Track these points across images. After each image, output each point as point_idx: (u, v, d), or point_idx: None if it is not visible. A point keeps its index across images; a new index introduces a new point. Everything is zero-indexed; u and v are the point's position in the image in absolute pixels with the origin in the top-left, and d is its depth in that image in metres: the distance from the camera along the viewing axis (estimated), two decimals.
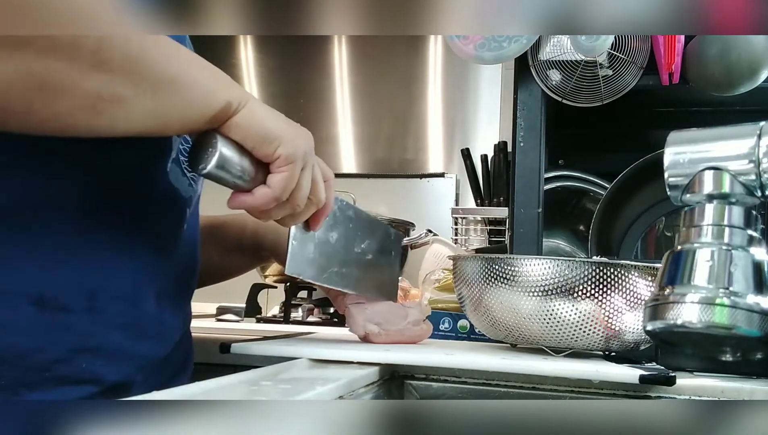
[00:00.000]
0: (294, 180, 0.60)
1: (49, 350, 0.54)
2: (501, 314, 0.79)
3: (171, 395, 0.46)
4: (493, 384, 0.69)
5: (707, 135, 0.71)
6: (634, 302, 0.75)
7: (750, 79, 1.04)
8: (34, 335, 0.53)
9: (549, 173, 1.37)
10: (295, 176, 0.60)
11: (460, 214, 1.62)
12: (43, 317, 0.54)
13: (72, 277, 0.55)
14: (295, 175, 0.60)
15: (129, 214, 0.60)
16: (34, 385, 0.54)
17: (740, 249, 0.66)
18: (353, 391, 0.59)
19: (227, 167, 0.57)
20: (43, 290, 0.54)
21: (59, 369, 0.55)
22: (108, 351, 0.58)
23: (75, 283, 0.56)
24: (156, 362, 0.63)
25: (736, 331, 0.63)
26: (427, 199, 2.17)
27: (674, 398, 0.66)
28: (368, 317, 0.82)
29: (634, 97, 1.09)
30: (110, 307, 0.58)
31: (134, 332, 0.60)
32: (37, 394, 0.53)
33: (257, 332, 0.98)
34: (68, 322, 0.55)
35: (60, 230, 0.55)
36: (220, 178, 0.58)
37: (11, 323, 0.53)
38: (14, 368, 0.53)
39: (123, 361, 0.59)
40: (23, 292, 0.53)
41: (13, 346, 0.53)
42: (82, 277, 0.56)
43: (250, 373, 0.57)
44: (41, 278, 0.54)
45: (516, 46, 1.07)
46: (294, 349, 0.68)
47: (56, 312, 0.54)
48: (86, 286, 0.56)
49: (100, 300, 0.57)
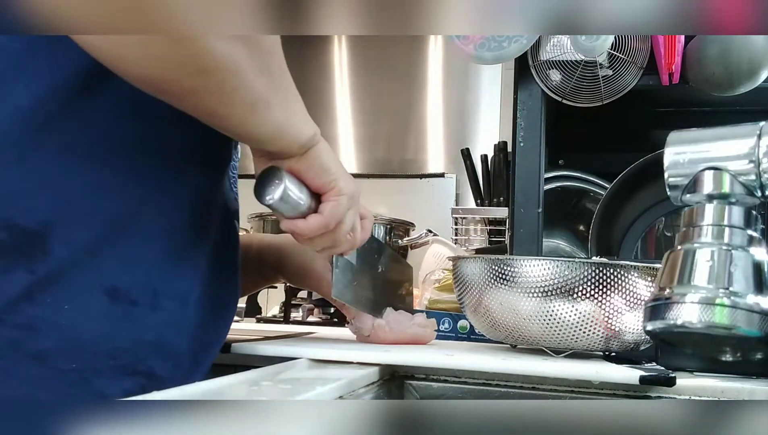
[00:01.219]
0: (342, 211, 0.67)
1: (117, 339, 0.58)
2: (501, 315, 0.79)
3: (171, 395, 0.46)
4: (493, 384, 0.69)
5: (707, 135, 0.71)
6: (634, 303, 0.75)
7: (750, 79, 1.04)
8: (106, 323, 0.57)
9: (549, 173, 1.37)
10: (343, 207, 0.67)
11: (460, 214, 1.62)
12: (115, 308, 0.58)
13: (139, 275, 0.59)
14: (343, 206, 0.67)
15: (190, 221, 0.64)
16: (101, 372, 0.57)
17: (740, 249, 0.66)
18: (353, 391, 0.59)
19: (288, 199, 0.63)
20: (117, 283, 0.58)
21: (123, 358, 0.58)
22: (159, 346, 0.61)
23: (143, 281, 0.59)
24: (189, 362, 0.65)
25: (736, 331, 0.63)
26: (427, 199, 2.17)
27: (674, 398, 0.66)
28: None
29: (634, 97, 1.09)
30: (167, 306, 0.61)
31: (180, 331, 0.63)
32: (101, 381, 0.57)
33: (257, 332, 0.98)
34: (135, 315, 0.59)
35: (132, 231, 0.59)
36: (281, 208, 0.64)
37: (88, 310, 0.56)
38: (87, 353, 0.56)
39: (168, 358, 0.62)
40: (100, 282, 0.57)
41: (89, 332, 0.56)
42: (148, 276, 0.60)
43: (250, 373, 0.57)
44: (116, 272, 0.58)
45: (516, 46, 1.07)
46: (294, 349, 0.69)
47: (126, 304, 0.58)
48: (151, 285, 0.60)
49: (161, 298, 0.61)
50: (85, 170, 0.57)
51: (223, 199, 0.70)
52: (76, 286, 0.56)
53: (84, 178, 0.57)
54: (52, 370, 0.55)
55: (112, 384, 0.57)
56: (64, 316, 0.55)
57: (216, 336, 0.72)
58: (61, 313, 0.55)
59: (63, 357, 0.55)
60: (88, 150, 0.57)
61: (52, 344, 0.55)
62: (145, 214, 0.60)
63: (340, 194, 0.66)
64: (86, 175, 0.57)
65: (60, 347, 0.55)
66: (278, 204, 0.63)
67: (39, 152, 0.55)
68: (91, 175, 0.57)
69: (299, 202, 0.65)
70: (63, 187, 0.56)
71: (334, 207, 0.66)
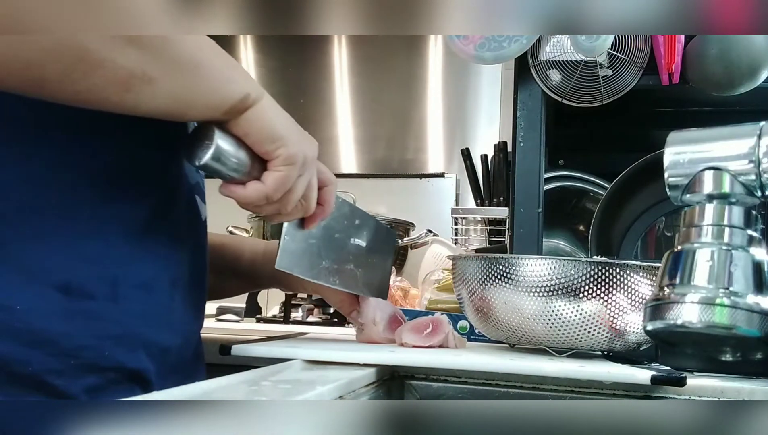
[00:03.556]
0: (289, 182, 0.61)
1: (75, 336, 0.55)
2: (503, 315, 0.79)
3: (171, 395, 0.46)
4: (493, 384, 0.69)
5: (707, 135, 0.71)
6: (638, 302, 0.75)
7: (750, 79, 1.04)
8: (61, 321, 0.55)
9: (549, 173, 1.37)
10: (290, 178, 0.61)
11: (460, 214, 1.62)
12: (70, 304, 0.55)
13: (94, 266, 0.57)
14: (291, 177, 0.61)
15: (144, 202, 0.61)
16: (61, 372, 0.54)
17: (740, 249, 0.66)
18: (353, 391, 0.59)
19: (223, 160, 0.57)
20: (70, 278, 0.55)
21: (85, 355, 0.56)
22: (128, 338, 0.59)
23: (98, 272, 0.57)
24: (165, 351, 0.63)
25: (736, 331, 0.63)
26: (427, 199, 2.17)
27: (674, 398, 0.66)
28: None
29: (634, 97, 1.09)
30: (131, 295, 0.59)
31: (148, 320, 0.61)
32: (63, 381, 0.54)
33: (257, 332, 0.98)
34: (93, 309, 0.56)
35: (81, 220, 0.56)
36: (215, 170, 0.58)
37: (40, 309, 0.54)
38: (42, 354, 0.54)
39: (139, 349, 0.60)
40: (51, 279, 0.55)
41: (43, 331, 0.54)
42: (104, 265, 0.57)
43: (250, 373, 0.57)
44: (67, 266, 0.55)
45: (516, 46, 1.07)
46: (295, 350, 0.68)
47: (82, 299, 0.56)
48: (109, 275, 0.57)
49: (122, 288, 0.58)
50: (19, 167, 0.54)
51: (181, 174, 0.66)
52: (26, 286, 0.53)
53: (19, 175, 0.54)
54: (2, 375, 0.52)
55: (74, 382, 0.55)
56: (15, 317, 0.52)
57: (196, 319, 0.69)
58: (12, 315, 0.52)
59: (17, 361, 0.52)
60: (21, 146, 0.54)
61: (4, 349, 0.52)
62: (89, 202, 0.57)
63: (287, 163, 0.59)
64: (21, 172, 0.54)
65: (14, 351, 0.52)
66: (212, 165, 0.57)
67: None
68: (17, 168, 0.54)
69: (236, 165, 0.58)
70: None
71: (278, 177, 0.60)
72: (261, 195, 0.60)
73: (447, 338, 0.81)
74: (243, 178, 0.60)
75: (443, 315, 0.85)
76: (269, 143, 0.58)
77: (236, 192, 0.60)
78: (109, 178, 0.58)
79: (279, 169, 0.60)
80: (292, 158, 0.59)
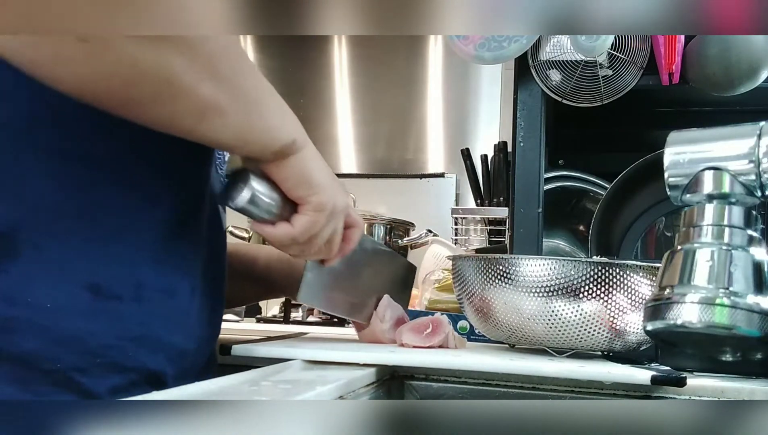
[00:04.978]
0: (316, 227, 0.63)
1: (102, 335, 0.56)
2: (503, 315, 0.79)
3: (171, 395, 0.46)
4: (493, 384, 0.69)
5: (707, 135, 0.72)
6: (638, 303, 0.75)
7: (750, 79, 1.04)
8: (90, 320, 0.56)
9: (549, 173, 1.36)
10: (318, 224, 0.63)
11: (460, 214, 1.62)
12: (97, 303, 0.56)
13: (122, 267, 0.58)
14: (319, 223, 0.63)
15: (173, 207, 0.62)
16: (86, 370, 0.56)
17: (740, 249, 0.66)
18: (353, 391, 0.59)
19: (257, 202, 0.60)
20: (98, 278, 0.57)
21: (110, 355, 0.57)
22: (149, 340, 0.60)
23: (125, 273, 0.58)
24: (183, 355, 0.64)
25: (736, 331, 0.63)
26: (427, 199, 2.16)
27: (674, 398, 0.66)
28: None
29: (634, 97, 1.09)
30: (154, 298, 0.60)
31: (169, 324, 0.62)
32: (88, 379, 0.56)
33: (257, 332, 0.98)
34: (118, 309, 0.58)
35: (111, 222, 0.58)
36: (249, 212, 0.61)
37: (70, 307, 0.55)
38: (70, 352, 0.55)
39: (159, 351, 0.61)
40: (81, 278, 0.56)
41: (71, 330, 0.55)
42: (131, 267, 0.59)
43: (250, 373, 0.57)
44: (96, 267, 0.57)
45: (516, 46, 1.07)
46: (295, 350, 0.69)
47: (109, 299, 0.57)
48: (135, 277, 0.59)
49: (146, 290, 0.59)
50: (53, 169, 0.55)
51: (209, 186, 0.68)
52: (56, 284, 0.55)
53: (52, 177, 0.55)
54: (35, 372, 0.54)
55: (99, 382, 0.56)
56: (45, 315, 0.54)
57: (211, 326, 0.70)
58: (42, 313, 0.54)
59: (46, 358, 0.54)
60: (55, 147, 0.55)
61: (34, 346, 0.54)
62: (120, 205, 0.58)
63: (318, 210, 0.62)
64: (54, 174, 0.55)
65: (43, 348, 0.54)
66: (245, 209, 0.60)
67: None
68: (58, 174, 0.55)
69: (270, 207, 0.61)
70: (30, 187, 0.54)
71: (306, 222, 0.62)
72: (289, 237, 0.63)
73: (447, 338, 0.81)
74: (273, 219, 0.62)
75: (443, 315, 0.85)
76: (304, 190, 0.61)
77: (266, 231, 0.63)
78: (140, 182, 0.60)
79: (308, 214, 0.62)
80: (322, 205, 0.62)
